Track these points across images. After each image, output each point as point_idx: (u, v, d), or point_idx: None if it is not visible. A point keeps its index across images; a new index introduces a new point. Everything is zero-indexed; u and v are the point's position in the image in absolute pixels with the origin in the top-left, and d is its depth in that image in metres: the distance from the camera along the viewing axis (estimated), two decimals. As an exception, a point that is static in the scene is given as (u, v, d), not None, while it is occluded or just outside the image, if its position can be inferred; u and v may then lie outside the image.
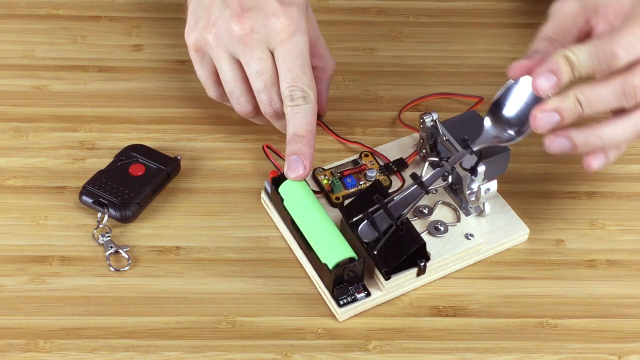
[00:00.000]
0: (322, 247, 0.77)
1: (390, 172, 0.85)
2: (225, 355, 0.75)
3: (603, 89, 0.73)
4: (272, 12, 0.80)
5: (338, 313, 0.76)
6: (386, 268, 0.75)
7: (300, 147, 0.79)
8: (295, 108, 0.80)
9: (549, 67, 0.72)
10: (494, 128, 0.78)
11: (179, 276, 0.79)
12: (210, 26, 0.81)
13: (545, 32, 0.77)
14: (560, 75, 0.72)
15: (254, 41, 0.80)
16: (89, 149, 0.87)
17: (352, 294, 0.76)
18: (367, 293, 0.77)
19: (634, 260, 0.82)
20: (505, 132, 0.78)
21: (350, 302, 0.76)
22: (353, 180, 0.84)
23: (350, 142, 0.88)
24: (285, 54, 0.80)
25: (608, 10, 0.76)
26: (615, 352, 0.76)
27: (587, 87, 0.73)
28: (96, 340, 0.75)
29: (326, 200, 0.83)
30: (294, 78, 0.80)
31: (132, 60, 0.95)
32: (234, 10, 0.80)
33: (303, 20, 0.81)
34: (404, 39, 0.99)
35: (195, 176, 0.86)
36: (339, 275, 0.75)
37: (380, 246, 0.76)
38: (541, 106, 0.73)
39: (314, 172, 0.84)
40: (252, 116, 0.85)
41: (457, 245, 0.79)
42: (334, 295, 0.76)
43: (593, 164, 0.75)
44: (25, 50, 0.95)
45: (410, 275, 0.77)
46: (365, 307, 0.77)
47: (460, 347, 0.76)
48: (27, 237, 0.81)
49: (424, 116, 0.82)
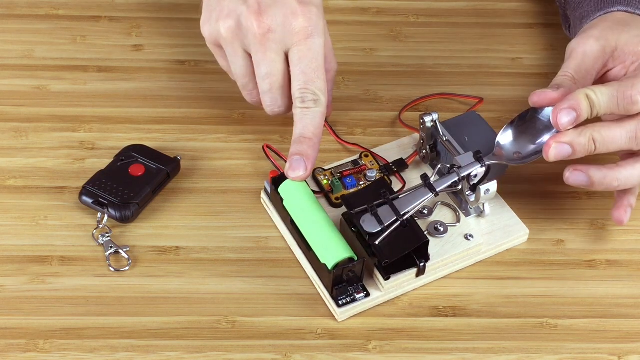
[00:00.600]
0: (321, 247, 0.77)
1: (390, 173, 0.85)
2: (225, 355, 0.75)
3: (618, 131, 0.76)
4: (292, 11, 0.80)
5: (337, 313, 0.76)
6: (387, 260, 0.75)
7: (305, 149, 0.79)
8: (305, 110, 0.80)
9: (570, 104, 0.75)
10: (513, 145, 0.80)
11: (179, 276, 0.79)
12: (224, 19, 0.81)
13: (568, 70, 0.79)
14: (581, 112, 0.75)
15: (270, 41, 0.80)
16: (89, 149, 0.87)
17: (352, 294, 0.76)
18: (366, 293, 0.76)
19: (634, 260, 0.82)
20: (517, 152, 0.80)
21: (350, 302, 0.76)
22: (353, 180, 0.84)
23: (348, 144, 0.88)
24: (300, 56, 0.80)
25: (626, 55, 0.80)
26: (615, 352, 0.76)
27: (604, 128, 0.76)
28: (96, 340, 0.75)
29: (326, 200, 0.83)
30: (307, 81, 0.80)
31: (132, 60, 0.95)
32: (252, 7, 0.80)
33: (321, 21, 0.81)
34: (404, 39, 0.99)
35: (195, 176, 0.86)
36: (338, 275, 0.75)
37: (383, 238, 0.76)
38: (557, 137, 0.76)
39: (314, 172, 0.84)
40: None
41: (457, 245, 0.79)
42: (333, 295, 0.76)
43: (624, 219, 0.80)
44: (25, 50, 0.95)
45: (410, 275, 0.77)
46: (364, 307, 0.77)
47: (460, 347, 0.76)
48: (27, 237, 0.81)
49: (424, 117, 0.82)
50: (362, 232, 0.76)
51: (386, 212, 0.76)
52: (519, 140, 0.80)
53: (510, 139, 0.80)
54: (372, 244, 0.75)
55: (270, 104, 0.83)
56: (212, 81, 0.93)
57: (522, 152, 0.80)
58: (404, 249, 0.76)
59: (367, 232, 0.76)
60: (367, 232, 0.76)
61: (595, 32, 0.81)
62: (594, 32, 0.81)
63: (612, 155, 0.80)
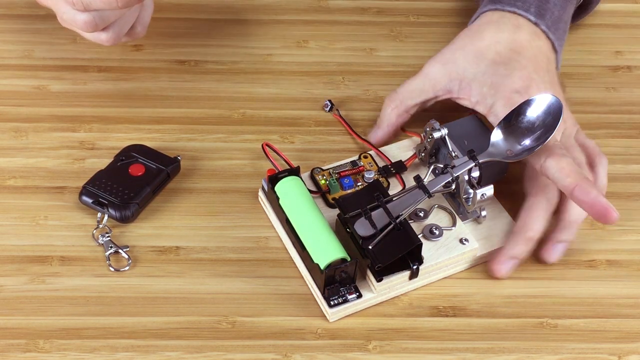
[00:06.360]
0: (314, 247, 0.76)
1: (389, 175, 0.85)
2: (225, 355, 0.75)
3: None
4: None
5: (328, 314, 0.76)
6: (380, 264, 0.75)
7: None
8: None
9: (510, 253, 0.79)
10: (505, 142, 0.79)
11: (179, 276, 0.79)
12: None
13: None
14: (521, 257, 0.80)
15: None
16: (89, 149, 0.87)
17: (344, 294, 0.76)
18: (358, 294, 0.76)
19: (634, 260, 0.82)
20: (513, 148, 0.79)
21: (341, 303, 0.76)
22: (350, 181, 0.84)
23: (360, 139, 0.87)
24: None
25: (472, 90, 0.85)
26: (615, 352, 0.76)
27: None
28: (96, 340, 0.75)
29: (322, 200, 0.83)
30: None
31: (132, 60, 0.95)
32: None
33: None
34: (404, 39, 0.99)
35: (195, 176, 0.86)
36: (330, 275, 0.75)
37: (376, 242, 0.76)
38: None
39: (312, 172, 0.84)
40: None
41: (451, 249, 0.79)
42: (325, 295, 0.76)
43: (552, 257, 0.81)
44: (25, 50, 0.95)
45: (403, 278, 0.77)
46: (356, 308, 0.77)
47: (460, 347, 0.76)
48: (27, 237, 0.81)
49: (433, 133, 0.82)
50: (356, 235, 0.76)
51: (380, 216, 0.76)
52: (510, 137, 0.79)
53: (501, 137, 0.80)
54: (366, 248, 0.75)
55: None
56: (212, 81, 0.93)
57: (513, 150, 0.79)
58: (397, 252, 0.76)
59: (361, 236, 0.76)
60: (361, 236, 0.76)
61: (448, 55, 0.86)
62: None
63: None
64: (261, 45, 0.97)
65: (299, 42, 0.98)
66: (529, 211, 0.79)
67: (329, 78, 0.94)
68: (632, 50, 0.99)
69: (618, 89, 0.95)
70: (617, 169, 0.88)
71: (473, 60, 0.84)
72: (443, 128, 0.82)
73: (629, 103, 0.94)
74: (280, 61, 0.96)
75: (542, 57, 0.85)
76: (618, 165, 0.88)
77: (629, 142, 0.91)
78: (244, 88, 0.93)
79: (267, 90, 0.93)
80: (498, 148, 0.79)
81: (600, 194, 0.76)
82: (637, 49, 0.99)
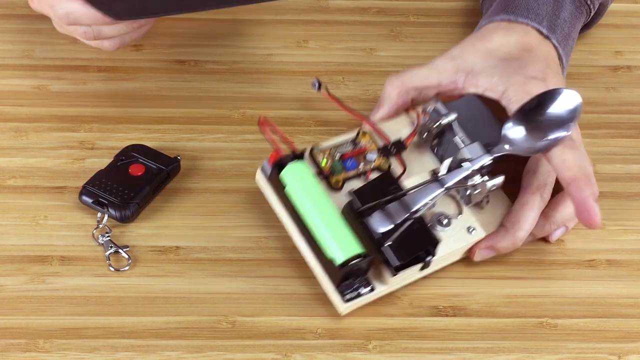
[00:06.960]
0: (329, 241, 0.75)
1: (389, 155, 0.83)
2: (225, 355, 0.75)
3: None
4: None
5: (342, 308, 0.76)
6: (397, 264, 0.74)
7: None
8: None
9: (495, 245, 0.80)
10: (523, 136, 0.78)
11: (179, 276, 0.79)
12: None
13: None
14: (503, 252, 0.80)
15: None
16: (89, 149, 0.87)
17: (357, 288, 0.76)
18: (371, 288, 0.76)
19: (634, 260, 0.82)
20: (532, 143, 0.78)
21: (355, 297, 0.75)
22: (354, 163, 0.82)
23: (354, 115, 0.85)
24: None
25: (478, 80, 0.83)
26: (615, 352, 0.76)
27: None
28: (96, 340, 0.75)
29: (326, 183, 0.80)
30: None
31: (132, 60, 0.95)
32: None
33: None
34: (404, 39, 0.99)
35: (195, 176, 0.86)
36: (348, 272, 0.74)
37: (393, 238, 0.75)
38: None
39: (312, 152, 0.82)
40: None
41: (460, 239, 0.78)
42: (340, 290, 0.76)
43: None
44: (25, 50, 0.95)
45: (415, 269, 0.77)
46: (367, 300, 0.76)
47: (460, 347, 0.76)
48: (27, 237, 0.81)
49: (440, 118, 0.80)
50: (372, 232, 0.75)
51: (396, 209, 0.75)
52: (530, 131, 0.77)
53: (519, 129, 0.78)
54: (383, 246, 0.74)
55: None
56: (212, 81, 0.93)
57: (532, 144, 0.77)
58: (415, 250, 0.75)
59: (377, 232, 0.74)
60: (377, 233, 0.74)
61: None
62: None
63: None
64: (261, 45, 0.97)
65: (299, 42, 0.98)
66: (523, 208, 0.79)
67: (329, 78, 0.94)
68: (632, 50, 0.99)
69: (618, 89, 0.95)
70: (617, 169, 0.88)
71: (482, 56, 0.82)
72: (451, 113, 0.81)
73: (629, 103, 0.94)
74: (280, 61, 0.96)
75: (552, 59, 0.84)
76: (618, 165, 0.88)
77: (629, 142, 0.91)
78: (244, 88, 0.93)
79: (267, 90, 0.93)
80: (516, 142, 0.78)
81: (592, 196, 0.75)
82: (637, 49, 0.99)
